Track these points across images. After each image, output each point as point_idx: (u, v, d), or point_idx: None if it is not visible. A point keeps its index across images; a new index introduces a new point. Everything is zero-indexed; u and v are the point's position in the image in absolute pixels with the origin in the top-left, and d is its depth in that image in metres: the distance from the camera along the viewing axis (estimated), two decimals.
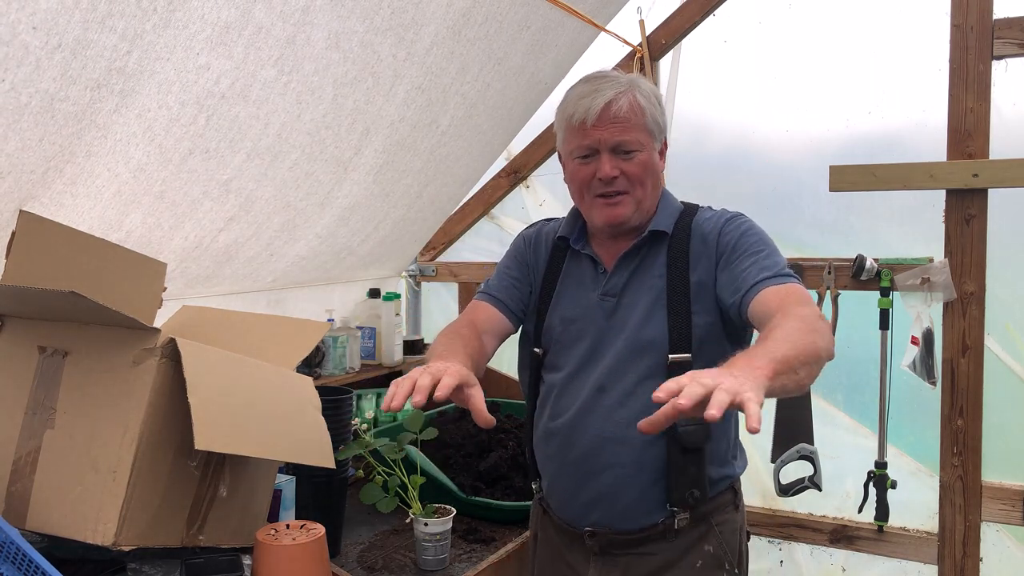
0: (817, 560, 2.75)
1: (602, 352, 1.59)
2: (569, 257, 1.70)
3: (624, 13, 2.81)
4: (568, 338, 1.63)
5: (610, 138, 1.55)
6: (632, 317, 1.58)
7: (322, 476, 1.81)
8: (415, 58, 2.14)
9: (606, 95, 1.54)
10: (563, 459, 1.61)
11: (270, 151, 2.02)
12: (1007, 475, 2.45)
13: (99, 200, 1.80)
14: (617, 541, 1.59)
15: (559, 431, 1.61)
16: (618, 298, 1.61)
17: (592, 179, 1.58)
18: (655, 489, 1.56)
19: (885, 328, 2.50)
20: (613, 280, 1.62)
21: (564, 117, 1.60)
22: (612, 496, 1.57)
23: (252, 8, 1.66)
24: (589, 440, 1.57)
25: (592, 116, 1.54)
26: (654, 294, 1.58)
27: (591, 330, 1.61)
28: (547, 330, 1.66)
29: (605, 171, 1.55)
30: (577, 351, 1.62)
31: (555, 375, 1.64)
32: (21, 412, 1.50)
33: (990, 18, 2.36)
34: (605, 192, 1.58)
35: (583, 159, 1.59)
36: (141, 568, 1.50)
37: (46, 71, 1.46)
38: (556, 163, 3.11)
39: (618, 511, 1.58)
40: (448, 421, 2.50)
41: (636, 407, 1.52)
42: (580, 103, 1.56)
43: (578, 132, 1.57)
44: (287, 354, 1.71)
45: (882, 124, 2.60)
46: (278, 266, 2.49)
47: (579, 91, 1.58)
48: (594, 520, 1.59)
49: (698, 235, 1.60)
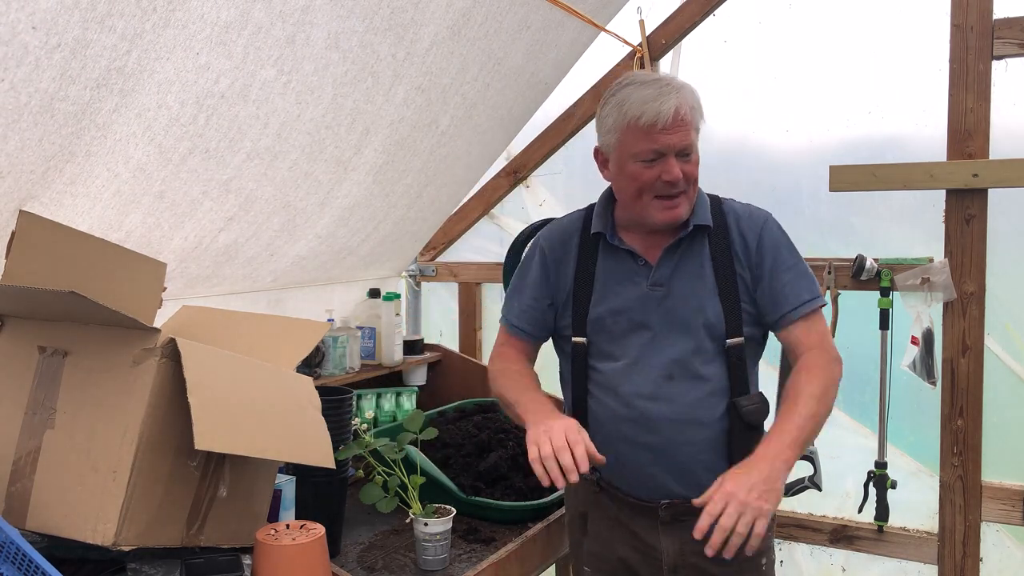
0: (817, 560, 2.75)
1: (662, 341, 1.70)
2: (603, 251, 1.77)
3: (624, 13, 2.81)
4: (620, 328, 1.71)
5: (678, 142, 1.62)
6: (688, 306, 1.70)
7: (322, 476, 1.81)
8: (415, 58, 2.14)
9: (672, 100, 1.60)
10: (638, 442, 1.70)
11: (270, 151, 2.01)
12: (1007, 475, 2.45)
13: (99, 200, 1.80)
14: (688, 508, 1.66)
15: (631, 417, 1.70)
16: (667, 288, 1.70)
17: (656, 181, 1.64)
18: (720, 460, 1.69)
19: (885, 328, 2.50)
20: (660, 271, 1.71)
21: (628, 119, 1.63)
22: (688, 471, 1.70)
23: (252, 8, 1.66)
24: (667, 424, 1.68)
25: (663, 120, 1.59)
26: (705, 283, 1.70)
27: (646, 320, 1.70)
28: (593, 322, 1.74)
29: (675, 174, 1.63)
30: (635, 340, 1.71)
31: (612, 364, 1.72)
32: (21, 412, 1.49)
33: (990, 18, 2.36)
34: (669, 194, 1.65)
35: (648, 162, 1.64)
36: (141, 568, 1.50)
37: (45, 71, 1.46)
38: (556, 163, 3.15)
39: (693, 483, 1.67)
40: (448, 421, 2.50)
41: (704, 389, 1.69)
42: (648, 107, 1.60)
43: (646, 136, 1.61)
44: (287, 354, 1.71)
45: (882, 124, 2.60)
46: (278, 266, 2.48)
47: (642, 94, 1.62)
48: (671, 493, 1.71)
49: (735, 229, 1.74)
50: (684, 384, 1.69)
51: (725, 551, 1.44)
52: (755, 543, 1.44)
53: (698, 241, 1.73)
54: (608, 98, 1.69)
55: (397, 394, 2.75)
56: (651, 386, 1.70)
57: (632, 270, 1.74)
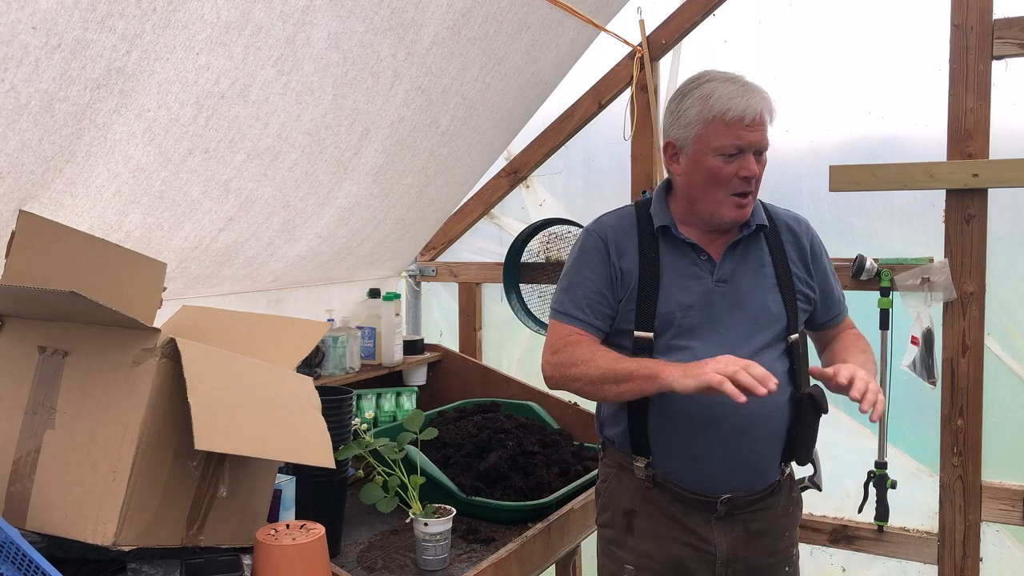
0: (817, 560, 2.75)
1: (731, 336, 1.70)
2: (664, 245, 1.75)
3: (624, 13, 2.81)
4: (689, 323, 1.70)
5: (758, 141, 1.65)
6: (753, 301, 1.72)
7: (322, 476, 1.81)
8: (415, 58, 2.14)
9: (758, 97, 1.64)
10: (709, 437, 1.69)
11: (270, 151, 2.02)
12: (1007, 475, 2.45)
13: (99, 200, 1.80)
14: (744, 502, 1.73)
15: (704, 412, 1.68)
16: (731, 284, 1.72)
17: (732, 177, 1.66)
18: (778, 453, 1.75)
19: (885, 328, 2.50)
20: (724, 267, 1.73)
21: (713, 112, 1.64)
22: (758, 463, 1.73)
23: (252, 8, 1.66)
24: (743, 419, 1.67)
25: (750, 117, 1.62)
26: (767, 281, 1.74)
27: (714, 315, 1.70)
28: (662, 316, 1.71)
29: (754, 170, 1.66)
30: (704, 334, 1.70)
31: (679, 356, 1.68)
32: (21, 412, 1.49)
33: (990, 18, 2.36)
34: (743, 191, 1.67)
35: (728, 157, 1.65)
36: (141, 568, 1.50)
37: (45, 71, 1.46)
38: (556, 163, 3.16)
39: (756, 477, 1.73)
40: (448, 421, 2.50)
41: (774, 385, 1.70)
42: (735, 102, 1.62)
43: (731, 130, 1.63)
44: (287, 354, 1.71)
45: (882, 124, 2.60)
46: (278, 266, 2.49)
47: (728, 90, 1.65)
48: (734, 487, 1.71)
49: (785, 230, 1.81)
50: None
51: (874, 414, 1.56)
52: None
53: (755, 240, 1.77)
54: (689, 91, 1.70)
55: (397, 394, 2.76)
56: None
57: (696, 264, 1.73)
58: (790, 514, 1.84)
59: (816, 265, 1.82)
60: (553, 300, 1.83)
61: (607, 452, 1.86)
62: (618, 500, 1.81)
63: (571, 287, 1.78)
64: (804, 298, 1.79)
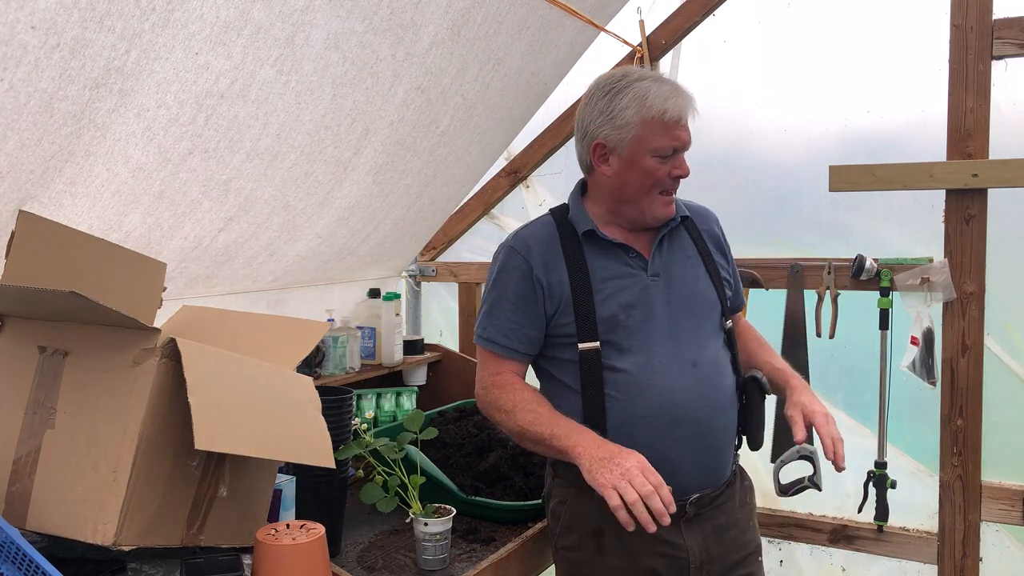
0: (817, 560, 2.75)
1: (676, 329, 1.70)
2: (589, 250, 1.72)
3: (624, 13, 2.81)
4: (635, 322, 1.68)
5: (688, 140, 1.68)
6: (690, 291, 1.73)
7: (322, 476, 1.81)
8: (414, 58, 2.14)
9: (688, 97, 1.66)
10: (671, 437, 1.65)
11: (269, 151, 2.01)
12: (1007, 475, 2.45)
13: (98, 200, 1.80)
14: (709, 499, 1.71)
15: (665, 412, 1.65)
16: (664, 277, 1.72)
17: (666, 177, 1.68)
18: (733, 442, 1.76)
19: (885, 328, 2.50)
20: (655, 262, 1.73)
21: (651, 113, 1.63)
22: (720, 458, 1.72)
23: (251, 8, 1.66)
24: (704, 413, 1.67)
25: (685, 117, 1.65)
26: (697, 269, 1.76)
27: (656, 310, 1.69)
28: (604, 321, 1.67)
29: (687, 170, 1.68)
30: (650, 332, 1.68)
31: (632, 359, 1.66)
32: (21, 412, 1.49)
33: (990, 18, 2.36)
34: (671, 189, 1.70)
35: (663, 158, 1.66)
36: (141, 568, 1.50)
37: (44, 70, 1.46)
38: (556, 163, 3.15)
39: (720, 470, 1.73)
40: (448, 421, 2.50)
41: (723, 372, 1.74)
42: (671, 102, 1.62)
43: (667, 131, 1.64)
44: (287, 354, 1.71)
45: (881, 124, 2.60)
46: (278, 266, 2.48)
47: (661, 90, 1.64)
48: (702, 484, 1.70)
49: (701, 220, 1.85)
50: (707, 369, 1.70)
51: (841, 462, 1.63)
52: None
53: (677, 233, 1.78)
54: (620, 91, 1.66)
55: (397, 394, 2.75)
56: (681, 377, 1.67)
57: (627, 264, 1.72)
58: (747, 504, 1.84)
59: (727, 251, 1.88)
60: (476, 324, 1.79)
61: (561, 472, 1.76)
62: (582, 521, 1.72)
63: (492, 311, 1.74)
64: (728, 284, 1.83)
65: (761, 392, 1.74)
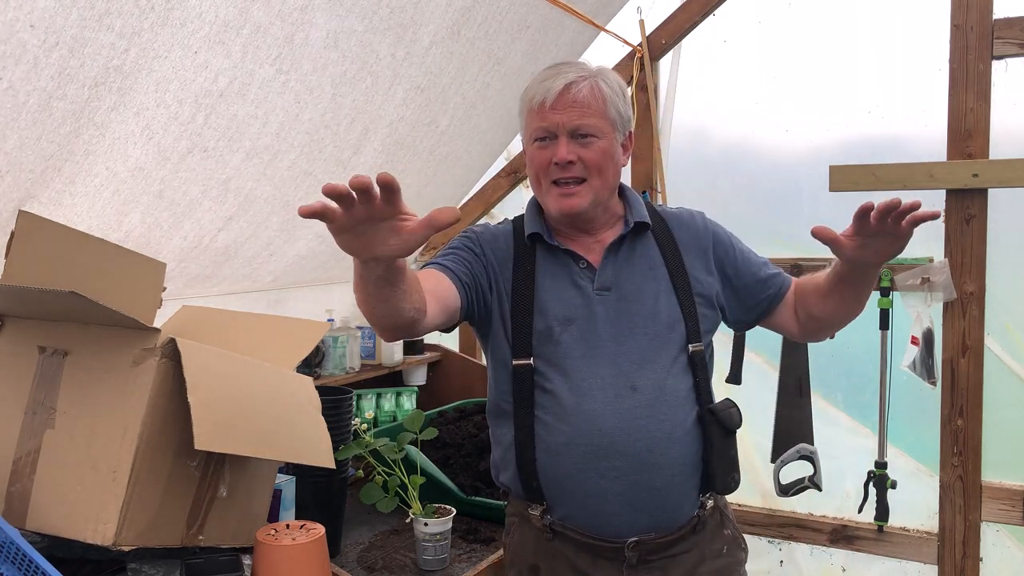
0: (817, 560, 2.75)
1: (619, 349, 1.50)
2: (540, 257, 1.57)
3: (624, 13, 2.81)
4: (570, 339, 1.50)
5: (568, 121, 1.48)
6: (642, 308, 1.52)
7: (322, 476, 1.81)
8: (414, 58, 2.14)
9: (567, 77, 1.49)
10: (601, 469, 1.46)
11: (269, 150, 2.01)
12: (1007, 475, 2.45)
13: (98, 199, 1.79)
14: (656, 546, 1.50)
15: (593, 441, 1.46)
16: (615, 291, 1.53)
17: (549, 164, 1.50)
18: (693, 482, 1.52)
19: (885, 328, 2.50)
20: (604, 274, 1.54)
21: (525, 100, 1.54)
22: (663, 498, 1.49)
23: (250, 7, 1.66)
24: (638, 445, 1.46)
25: (551, 97, 1.48)
26: (658, 284, 1.54)
27: (597, 328, 1.50)
28: (539, 334, 1.51)
29: (561, 154, 1.47)
30: (587, 351, 1.50)
31: (564, 382, 1.50)
32: (21, 412, 1.49)
33: (990, 18, 2.36)
34: (563, 179, 1.50)
35: (541, 142, 1.51)
36: (141, 568, 1.50)
37: (44, 69, 1.45)
38: None
39: (667, 513, 1.50)
40: (448, 421, 2.50)
41: (673, 401, 1.49)
42: (541, 86, 1.51)
43: (537, 114, 1.50)
44: (287, 354, 1.70)
45: (882, 124, 2.60)
46: (278, 266, 2.48)
47: (542, 75, 1.52)
48: (641, 528, 1.49)
49: (678, 226, 1.61)
50: (648, 395, 1.48)
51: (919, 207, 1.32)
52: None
53: (642, 241, 1.57)
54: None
55: (397, 394, 2.75)
56: (614, 402, 1.47)
57: (575, 274, 1.54)
58: (726, 555, 1.57)
59: (728, 256, 1.61)
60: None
61: (509, 501, 1.63)
62: (521, 555, 1.58)
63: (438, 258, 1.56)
64: (705, 301, 1.56)
65: (720, 426, 1.51)
